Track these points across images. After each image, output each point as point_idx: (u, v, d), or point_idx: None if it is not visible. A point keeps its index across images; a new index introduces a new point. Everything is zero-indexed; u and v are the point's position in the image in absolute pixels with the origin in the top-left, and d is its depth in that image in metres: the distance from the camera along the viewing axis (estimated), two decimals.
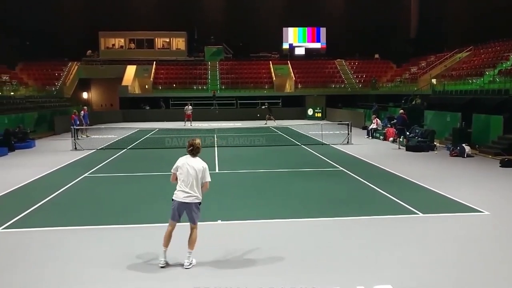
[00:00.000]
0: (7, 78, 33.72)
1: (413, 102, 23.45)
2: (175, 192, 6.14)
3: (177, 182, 6.16)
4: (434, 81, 29.26)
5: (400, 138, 18.94)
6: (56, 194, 10.50)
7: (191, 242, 6.09)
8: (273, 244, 7.06)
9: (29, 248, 6.94)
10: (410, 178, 12.11)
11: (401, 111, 20.18)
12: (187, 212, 6.10)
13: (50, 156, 16.91)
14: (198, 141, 6.20)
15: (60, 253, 6.68)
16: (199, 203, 6.12)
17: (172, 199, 6.17)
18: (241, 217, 8.49)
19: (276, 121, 30.81)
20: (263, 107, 33.43)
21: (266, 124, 29.58)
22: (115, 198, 10.31)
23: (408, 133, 18.89)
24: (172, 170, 6.26)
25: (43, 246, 7.03)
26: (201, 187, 6.14)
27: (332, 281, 5.62)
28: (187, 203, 6.04)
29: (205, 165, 6.12)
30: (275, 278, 5.73)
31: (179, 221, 6.20)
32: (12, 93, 30.97)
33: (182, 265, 6.08)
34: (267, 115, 31.48)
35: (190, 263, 6.03)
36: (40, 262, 6.34)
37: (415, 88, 29.71)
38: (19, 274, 5.94)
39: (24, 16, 40.22)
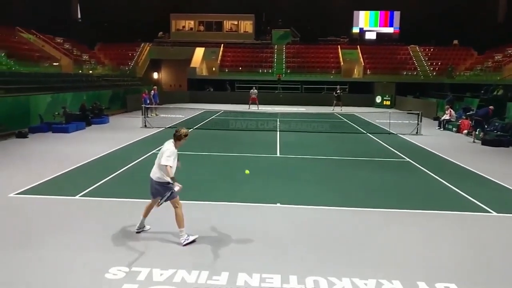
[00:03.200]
0: (87, 57, 35.93)
1: (495, 93, 21.70)
2: None
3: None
4: None
5: (476, 131, 17.68)
6: (126, 168, 11.11)
7: (177, 221, 6.30)
8: (329, 232, 6.98)
9: (101, 215, 7.45)
10: (484, 174, 11.33)
11: (491, 107, 18.43)
12: (155, 189, 6.41)
13: (122, 132, 17.88)
14: (183, 131, 6.48)
15: (124, 222, 7.08)
16: (163, 183, 6.32)
17: None
18: (300, 202, 8.46)
19: (339, 108, 30.20)
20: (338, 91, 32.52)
21: (333, 110, 29.14)
22: (178, 175, 10.66)
23: (486, 127, 17.55)
24: None
25: (111, 215, 7.50)
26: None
27: (392, 274, 5.45)
28: (151, 178, 6.41)
29: (166, 149, 6.28)
30: (326, 266, 5.67)
31: (153, 198, 6.54)
32: (90, 72, 33.00)
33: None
34: (334, 101, 30.95)
35: (185, 239, 6.23)
36: (106, 227, 6.78)
37: (498, 78, 27.61)
38: (91, 235, 6.41)
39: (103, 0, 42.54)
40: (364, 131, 19.67)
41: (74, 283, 5.07)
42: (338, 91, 31.82)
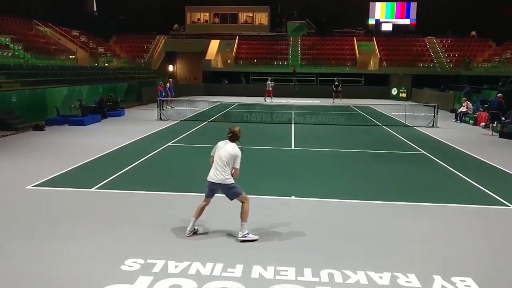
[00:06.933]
0: (103, 50, 36.21)
1: None
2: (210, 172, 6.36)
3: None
4: None
5: (493, 123, 17.40)
6: (142, 161, 11.21)
7: (242, 214, 6.23)
8: (344, 225, 6.96)
9: (116, 207, 7.54)
10: (501, 167, 11.15)
11: (499, 94, 18.32)
12: (223, 191, 6.30)
13: (137, 125, 18.02)
14: (237, 128, 6.43)
15: (140, 214, 7.17)
16: (229, 185, 6.22)
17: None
18: (314, 195, 8.44)
19: (339, 100, 30.12)
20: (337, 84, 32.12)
21: (333, 102, 29.15)
22: (193, 168, 10.74)
23: (503, 118, 17.29)
24: (211, 153, 6.46)
25: (126, 207, 7.59)
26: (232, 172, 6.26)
27: (406, 267, 5.41)
28: (217, 183, 6.23)
29: (238, 152, 6.27)
30: (341, 259, 5.66)
31: (210, 198, 6.44)
32: (106, 64, 33.27)
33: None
34: (333, 93, 30.85)
35: (244, 236, 6.14)
36: (121, 220, 6.88)
37: None
38: (107, 227, 6.50)
39: None
40: (380, 124, 19.48)
41: (90, 274, 5.13)
42: (336, 83, 31.54)
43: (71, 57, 30.18)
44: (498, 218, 7.44)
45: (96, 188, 8.64)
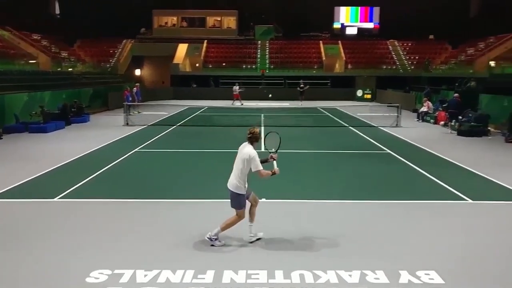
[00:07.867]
0: (66, 54, 35.29)
1: (468, 85, 22.26)
2: None
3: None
4: (492, 63, 27.57)
5: (451, 122, 18.15)
6: (108, 168, 10.95)
7: (225, 223, 6.14)
8: (314, 225, 7.03)
9: (81, 217, 7.32)
10: (460, 163, 11.60)
11: (456, 94, 19.20)
12: (230, 196, 6.14)
13: (103, 131, 17.62)
14: (257, 130, 6.23)
15: (105, 223, 7.02)
16: (237, 194, 6.04)
17: None
18: (284, 197, 8.51)
19: (302, 102, 30.53)
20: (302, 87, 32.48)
21: (301, 104, 29.59)
22: (163, 173, 10.62)
23: (460, 117, 18.04)
24: None
25: (91, 216, 7.40)
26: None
27: (374, 264, 5.52)
28: (229, 189, 6.12)
29: (252, 154, 5.96)
30: (311, 259, 5.71)
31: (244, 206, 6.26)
32: (70, 69, 32.41)
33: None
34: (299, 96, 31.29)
35: (211, 239, 6.05)
36: (86, 230, 6.69)
37: (471, 71, 28.18)
38: (70, 239, 6.30)
39: None
40: (346, 125, 19.84)
41: None
42: (302, 85, 32.00)
43: (32, 61, 29.22)
44: (458, 212, 7.73)
45: (59, 198, 8.32)
